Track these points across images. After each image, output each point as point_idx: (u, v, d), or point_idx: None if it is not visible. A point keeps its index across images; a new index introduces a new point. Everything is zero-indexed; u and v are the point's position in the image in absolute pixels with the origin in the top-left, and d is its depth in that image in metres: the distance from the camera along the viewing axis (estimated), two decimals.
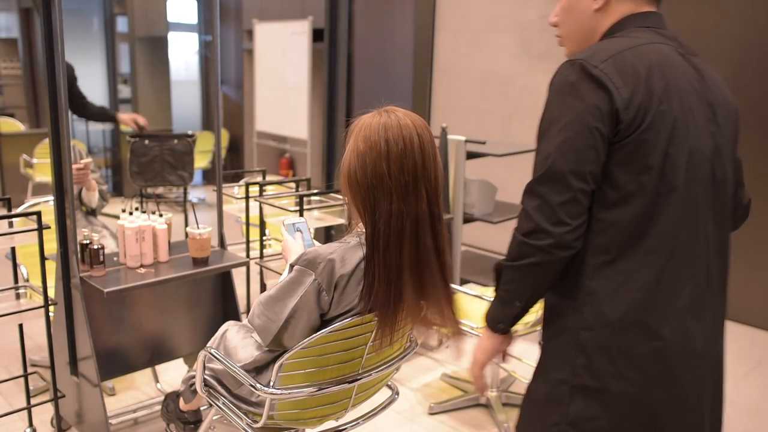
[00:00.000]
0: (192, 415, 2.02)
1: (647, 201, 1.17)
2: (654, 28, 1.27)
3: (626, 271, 1.18)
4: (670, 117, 1.16)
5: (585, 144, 1.15)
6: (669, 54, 1.22)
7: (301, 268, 1.50)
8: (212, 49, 2.68)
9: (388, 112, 1.49)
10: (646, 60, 1.18)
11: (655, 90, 1.16)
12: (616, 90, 1.14)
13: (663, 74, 1.18)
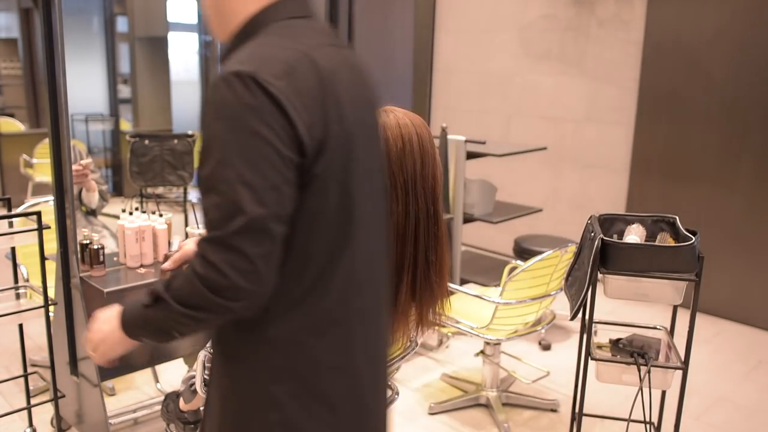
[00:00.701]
0: (192, 415, 2.01)
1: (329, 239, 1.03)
2: (309, 17, 1.08)
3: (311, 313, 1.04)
4: (342, 142, 1.00)
5: (281, 180, 0.93)
6: (335, 59, 1.04)
7: None
8: (212, 49, 2.67)
9: (387, 111, 1.50)
10: (318, 74, 0.98)
11: (330, 112, 0.98)
12: (298, 115, 0.93)
13: (334, 90, 1.00)
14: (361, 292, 1.08)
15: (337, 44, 1.09)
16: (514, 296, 2.53)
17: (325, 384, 1.05)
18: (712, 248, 3.77)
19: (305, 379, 1.03)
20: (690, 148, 4.05)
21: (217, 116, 0.94)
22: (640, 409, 2.04)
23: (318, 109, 0.96)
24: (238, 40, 1.05)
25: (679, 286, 1.98)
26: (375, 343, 1.14)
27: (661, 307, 3.99)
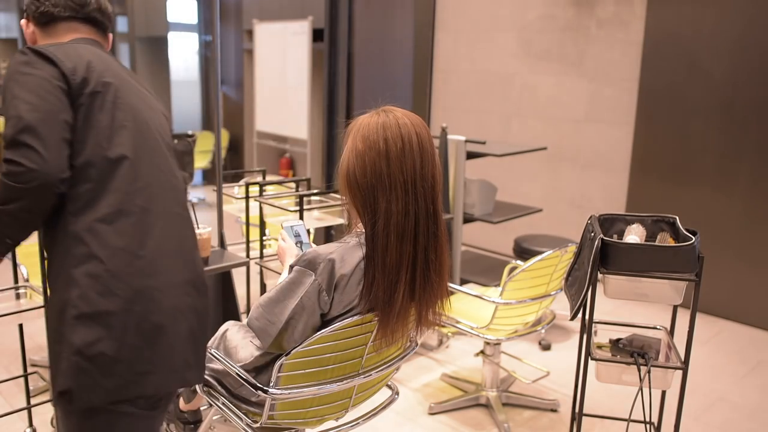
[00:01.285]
0: (192, 415, 2.02)
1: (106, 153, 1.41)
2: (94, 45, 1.56)
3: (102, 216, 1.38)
4: (112, 88, 1.43)
5: (53, 97, 1.35)
6: (106, 55, 1.52)
7: (300, 268, 1.50)
8: (212, 49, 2.68)
9: (386, 111, 1.50)
10: (85, 50, 1.46)
11: (95, 68, 1.42)
12: (62, 63, 1.38)
13: (102, 60, 1.46)
14: (145, 193, 1.43)
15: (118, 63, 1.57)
16: (514, 296, 2.53)
17: (114, 263, 1.35)
18: (712, 248, 3.77)
19: (98, 260, 1.35)
20: (690, 147, 4.05)
21: (7, 77, 1.38)
22: (640, 409, 2.04)
23: (83, 63, 1.41)
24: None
25: (679, 286, 1.98)
26: (175, 239, 1.48)
27: (661, 307, 3.99)
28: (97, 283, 1.34)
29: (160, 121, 1.57)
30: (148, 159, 1.46)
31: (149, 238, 1.41)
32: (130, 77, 1.56)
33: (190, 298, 1.47)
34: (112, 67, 1.49)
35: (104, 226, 1.36)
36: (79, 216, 1.36)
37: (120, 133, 1.42)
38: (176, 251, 1.47)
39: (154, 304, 1.39)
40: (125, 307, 1.35)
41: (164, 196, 1.48)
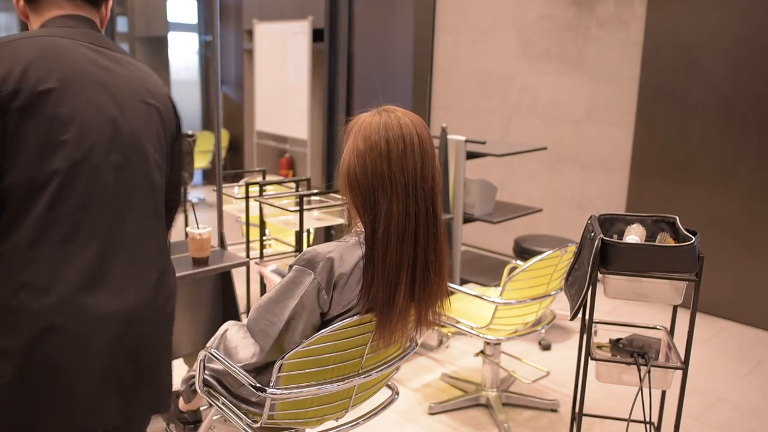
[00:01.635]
0: (192, 415, 2.02)
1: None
2: (68, 27, 1.38)
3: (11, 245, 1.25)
4: (52, 97, 1.26)
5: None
6: (63, 45, 1.33)
7: (300, 267, 1.50)
8: (212, 49, 2.67)
9: (387, 111, 1.49)
10: (33, 47, 1.29)
11: (33, 74, 1.25)
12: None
13: (51, 57, 1.29)
14: (73, 217, 1.27)
15: (93, 43, 1.39)
16: (514, 296, 2.53)
17: (19, 298, 1.24)
18: (712, 248, 3.77)
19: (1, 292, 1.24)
20: (690, 148, 4.05)
21: None
22: (640, 409, 2.04)
23: (13, 71, 1.24)
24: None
25: (679, 286, 1.98)
26: (115, 266, 1.32)
27: (661, 307, 3.99)
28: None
29: (138, 114, 1.39)
30: (91, 174, 1.29)
31: (65, 270, 1.26)
32: (103, 65, 1.37)
33: (112, 333, 1.31)
34: (65, 62, 1.31)
35: (11, 256, 1.24)
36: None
37: (53, 151, 1.25)
38: (100, 282, 1.30)
39: (53, 345, 1.25)
40: (23, 346, 1.23)
41: (112, 214, 1.32)
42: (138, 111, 1.39)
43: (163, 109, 1.46)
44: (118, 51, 1.44)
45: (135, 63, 1.46)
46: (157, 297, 1.40)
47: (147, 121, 1.41)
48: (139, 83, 1.42)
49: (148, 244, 1.40)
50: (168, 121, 1.48)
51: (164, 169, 1.47)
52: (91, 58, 1.35)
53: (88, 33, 1.41)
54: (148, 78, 1.46)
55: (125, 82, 1.39)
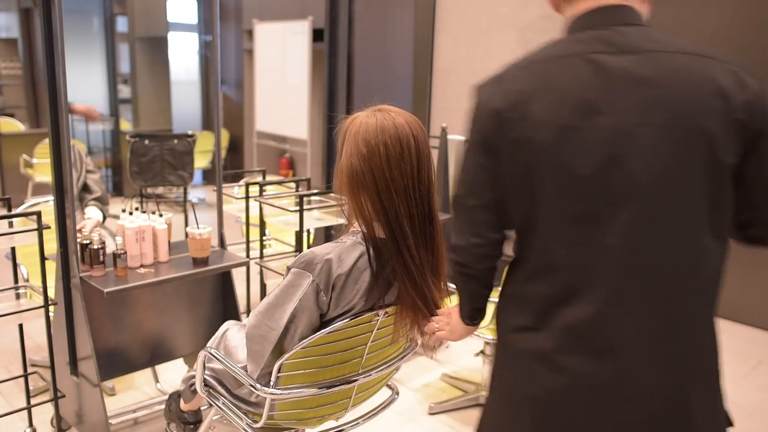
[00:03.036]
0: (192, 415, 2.01)
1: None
2: (603, 28, 1.12)
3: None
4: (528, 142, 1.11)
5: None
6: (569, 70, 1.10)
7: (298, 270, 1.50)
8: (212, 49, 2.67)
9: (382, 111, 1.48)
10: (530, 79, 1.12)
11: (532, 113, 1.10)
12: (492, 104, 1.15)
13: (567, 86, 1.09)
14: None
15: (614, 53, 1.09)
16: None
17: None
18: None
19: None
20: None
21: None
22: None
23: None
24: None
25: None
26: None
27: None
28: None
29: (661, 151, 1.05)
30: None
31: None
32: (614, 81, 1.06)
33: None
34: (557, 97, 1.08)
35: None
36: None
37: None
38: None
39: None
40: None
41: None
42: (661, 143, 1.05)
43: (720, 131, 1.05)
44: (663, 44, 1.09)
45: (688, 58, 1.08)
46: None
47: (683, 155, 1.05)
48: (689, 94, 1.05)
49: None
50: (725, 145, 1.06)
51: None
52: (589, 80, 1.07)
53: (612, 34, 1.11)
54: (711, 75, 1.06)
55: (650, 99, 1.05)
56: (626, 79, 1.06)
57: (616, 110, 1.05)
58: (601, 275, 1.07)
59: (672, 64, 1.07)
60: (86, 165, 2.95)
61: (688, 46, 1.10)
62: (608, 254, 1.07)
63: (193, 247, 2.35)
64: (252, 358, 1.59)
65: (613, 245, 1.06)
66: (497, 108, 1.12)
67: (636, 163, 1.04)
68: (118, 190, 6.90)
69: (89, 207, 2.89)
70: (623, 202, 1.05)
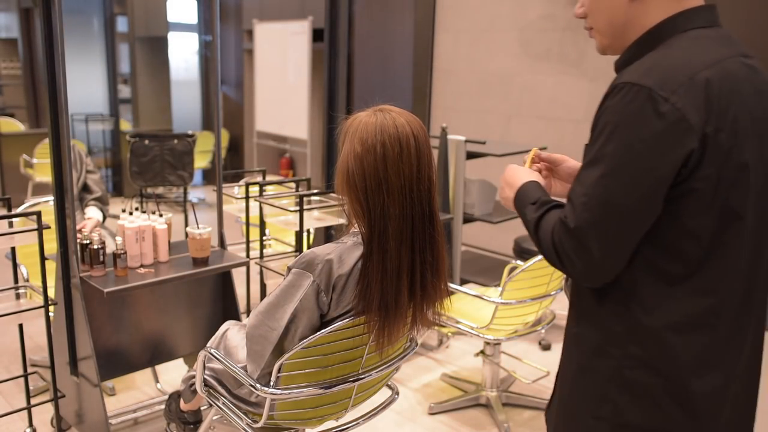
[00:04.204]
0: (192, 415, 2.01)
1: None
2: (715, 27, 1.06)
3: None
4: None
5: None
6: (739, 72, 1.01)
7: (298, 270, 1.50)
8: (212, 49, 2.67)
9: (383, 111, 1.48)
10: (712, 88, 0.97)
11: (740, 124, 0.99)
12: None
13: (727, 104, 0.98)
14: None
15: (745, 55, 1.05)
16: (514, 296, 2.53)
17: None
18: None
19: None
20: None
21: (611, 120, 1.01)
22: None
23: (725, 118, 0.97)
24: (638, 49, 1.08)
25: None
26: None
27: None
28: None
29: None
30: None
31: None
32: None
33: None
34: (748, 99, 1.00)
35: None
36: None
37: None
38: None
39: None
40: None
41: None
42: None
43: None
44: (749, 51, 1.08)
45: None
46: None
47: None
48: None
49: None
50: None
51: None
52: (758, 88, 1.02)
53: (726, 36, 1.06)
54: None
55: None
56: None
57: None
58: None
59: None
60: (86, 165, 2.95)
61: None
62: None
63: (193, 247, 2.35)
64: (252, 358, 1.59)
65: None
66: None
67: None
68: (118, 190, 6.90)
69: (89, 207, 2.89)
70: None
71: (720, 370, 1.04)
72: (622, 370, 1.05)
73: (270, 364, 1.57)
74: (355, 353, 1.61)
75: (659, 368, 1.03)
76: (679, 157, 0.94)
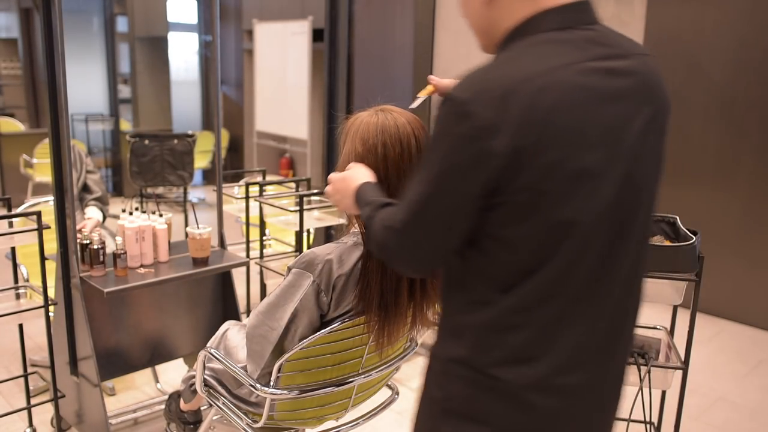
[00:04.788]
0: (192, 415, 2.01)
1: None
2: (568, 29, 1.00)
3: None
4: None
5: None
6: (581, 80, 0.94)
7: (298, 270, 1.50)
8: (212, 49, 2.67)
9: (384, 111, 1.48)
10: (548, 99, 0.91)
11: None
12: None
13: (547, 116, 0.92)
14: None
15: (608, 57, 0.99)
16: None
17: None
18: (712, 248, 3.76)
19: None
20: (689, 148, 4.05)
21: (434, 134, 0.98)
22: (640, 409, 2.04)
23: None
24: (496, 54, 1.02)
25: (679, 286, 1.98)
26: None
27: (661, 307, 3.98)
28: None
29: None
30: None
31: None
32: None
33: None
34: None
35: None
36: None
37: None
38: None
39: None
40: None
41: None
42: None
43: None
44: (626, 51, 1.03)
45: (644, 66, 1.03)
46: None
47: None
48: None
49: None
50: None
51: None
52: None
53: (589, 38, 1.00)
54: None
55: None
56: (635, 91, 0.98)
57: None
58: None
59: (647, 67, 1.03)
60: (86, 165, 2.95)
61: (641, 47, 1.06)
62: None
63: (193, 247, 2.35)
64: (252, 358, 1.59)
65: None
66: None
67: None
68: (118, 190, 6.91)
69: (89, 207, 2.89)
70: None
71: (541, 364, 1.01)
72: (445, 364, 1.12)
73: (270, 364, 1.57)
74: (355, 353, 1.61)
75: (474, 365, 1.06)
76: (485, 171, 0.92)
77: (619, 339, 1.08)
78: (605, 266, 1.00)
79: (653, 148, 1.02)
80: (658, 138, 1.04)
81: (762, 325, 3.87)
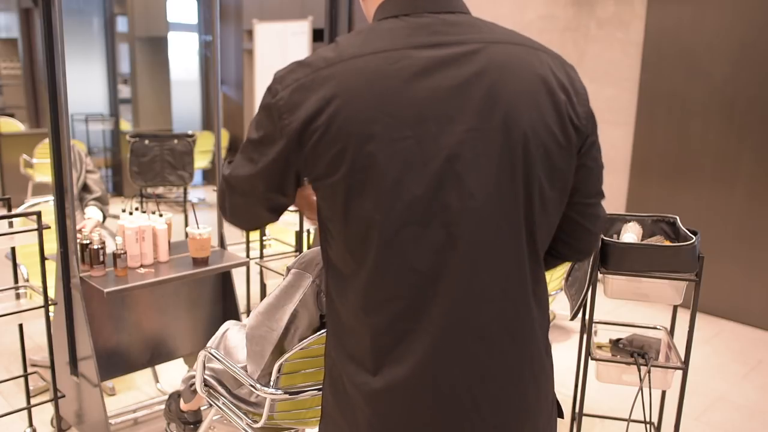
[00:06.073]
0: (192, 415, 2.02)
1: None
2: (406, 15, 0.97)
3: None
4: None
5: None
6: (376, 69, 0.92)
7: (298, 270, 1.50)
8: (212, 49, 2.67)
9: None
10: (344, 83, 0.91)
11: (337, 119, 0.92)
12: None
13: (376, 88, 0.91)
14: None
15: (445, 44, 0.94)
16: None
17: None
18: (712, 248, 3.76)
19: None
20: (690, 148, 4.05)
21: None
22: (640, 409, 2.04)
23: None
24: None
25: (679, 286, 1.98)
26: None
27: (661, 307, 3.98)
28: None
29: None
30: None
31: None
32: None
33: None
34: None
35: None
36: None
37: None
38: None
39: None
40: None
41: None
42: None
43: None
44: (464, 39, 0.96)
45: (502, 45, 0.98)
46: None
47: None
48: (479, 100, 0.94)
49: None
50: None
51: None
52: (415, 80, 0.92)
53: (421, 25, 0.96)
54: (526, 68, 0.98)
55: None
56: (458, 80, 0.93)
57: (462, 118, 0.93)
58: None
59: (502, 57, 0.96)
60: (86, 165, 2.95)
61: (516, 37, 1.01)
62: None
63: (193, 247, 2.35)
64: (252, 358, 1.59)
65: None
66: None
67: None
68: (118, 190, 6.90)
69: (89, 207, 2.89)
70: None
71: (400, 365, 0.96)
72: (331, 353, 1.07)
73: (270, 364, 1.57)
74: None
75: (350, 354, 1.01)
76: (276, 151, 0.95)
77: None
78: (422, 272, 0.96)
79: (480, 139, 0.93)
80: (494, 132, 0.94)
81: (762, 325, 3.87)
